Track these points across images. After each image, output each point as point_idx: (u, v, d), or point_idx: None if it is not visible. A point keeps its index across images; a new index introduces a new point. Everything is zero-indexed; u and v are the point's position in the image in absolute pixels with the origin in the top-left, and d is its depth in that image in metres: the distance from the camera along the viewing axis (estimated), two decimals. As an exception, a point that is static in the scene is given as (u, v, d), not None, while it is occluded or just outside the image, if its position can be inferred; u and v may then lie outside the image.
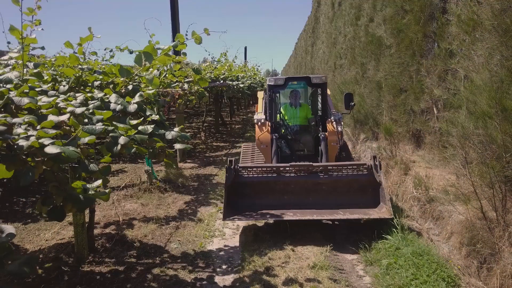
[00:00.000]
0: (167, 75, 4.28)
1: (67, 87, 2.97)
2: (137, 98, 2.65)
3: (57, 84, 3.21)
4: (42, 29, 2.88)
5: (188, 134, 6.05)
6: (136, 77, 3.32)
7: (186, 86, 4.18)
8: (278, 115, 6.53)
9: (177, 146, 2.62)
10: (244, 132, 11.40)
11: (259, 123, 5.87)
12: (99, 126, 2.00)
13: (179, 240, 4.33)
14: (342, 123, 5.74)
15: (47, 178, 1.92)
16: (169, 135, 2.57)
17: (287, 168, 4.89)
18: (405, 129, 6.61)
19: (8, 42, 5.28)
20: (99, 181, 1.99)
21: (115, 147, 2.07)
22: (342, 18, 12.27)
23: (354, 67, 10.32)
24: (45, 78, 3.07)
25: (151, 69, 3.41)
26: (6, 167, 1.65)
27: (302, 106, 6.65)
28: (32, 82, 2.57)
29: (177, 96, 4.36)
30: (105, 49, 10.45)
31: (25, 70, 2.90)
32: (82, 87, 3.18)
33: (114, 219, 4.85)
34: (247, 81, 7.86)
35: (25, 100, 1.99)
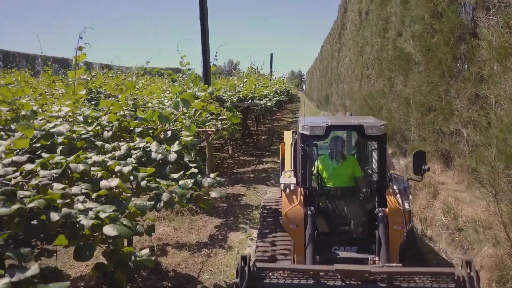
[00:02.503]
0: (201, 113, 4.48)
1: (111, 132, 3.20)
2: (176, 147, 2.84)
3: (100, 127, 3.44)
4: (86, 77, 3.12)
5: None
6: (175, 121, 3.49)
7: (219, 124, 4.37)
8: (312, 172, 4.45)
9: (213, 194, 2.79)
10: (270, 144, 11.50)
11: (287, 191, 4.04)
12: (143, 183, 2.19)
13: (211, 270, 4.50)
14: (411, 196, 3.94)
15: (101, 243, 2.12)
16: (206, 182, 2.74)
17: (330, 273, 3.24)
18: (433, 149, 6.56)
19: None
20: (147, 250, 2.16)
21: (158, 204, 2.25)
22: (370, 28, 12.18)
23: (381, 79, 10.24)
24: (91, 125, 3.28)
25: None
26: (68, 242, 1.86)
27: (347, 160, 4.64)
28: (79, 132, 2.81)
29: (211, 134, 4.54)
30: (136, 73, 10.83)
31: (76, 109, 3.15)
32: (124, 132, 3.40)
33: (148, 244, 5.08)
34: (274, 98, 7.97)
35: (80, 167, 2.21)
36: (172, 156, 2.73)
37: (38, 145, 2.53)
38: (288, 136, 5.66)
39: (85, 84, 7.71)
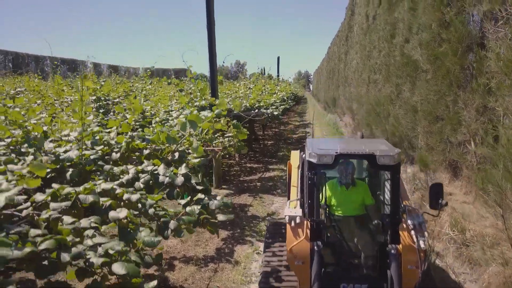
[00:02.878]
0: (208, 131, 4.51)
1: (119, 154, 3.25)
2: (183, 169, 2.88)
3: (109, 147, 3.49)
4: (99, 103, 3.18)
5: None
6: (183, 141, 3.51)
7: (226, 141, 4.40)
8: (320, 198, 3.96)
9: (220, 217, 2.82)
10: (277, 150, 11.46)
11: (293, 223, 3.73)
12: (151, 211, 2.23)
13: (218, 286, 4.52)
14: (426, 233, 3.58)
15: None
16: (213, 205, 2.77)
17: None
18: (441, 158, 6.52)
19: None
20: (155, 282, 2.20)
21: (166, 232, 2.29)
22: (377, 33, 12.14)
23: (388, 85, 10.20)
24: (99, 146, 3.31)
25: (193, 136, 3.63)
26: (78, 278, 1.90)
27: (357, 186, 4.30)
28: (87, 156, 2.86)
29: (218, 152, 4.58)
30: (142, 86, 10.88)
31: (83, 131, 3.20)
32: (132, 152, 3.44)
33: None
34: (281, 106, 7.97)
35: (90, 198, 2.26)
36: (179, 180, 2.78)
37: (48, 170, 2.60)
38: (295, 157, 5.23)
39: (93, 93, 7.81)
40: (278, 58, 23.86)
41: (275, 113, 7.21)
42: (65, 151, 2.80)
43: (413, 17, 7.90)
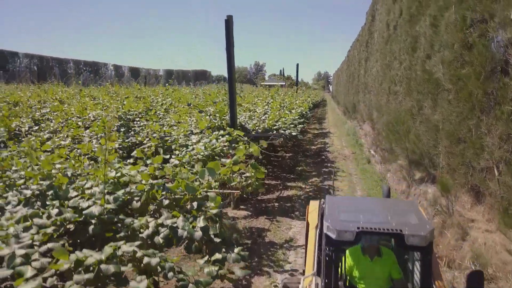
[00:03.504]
0: (227, 172, 4.55)
1: (139, 203, 3.34)
2: (201, 222, 2.94)
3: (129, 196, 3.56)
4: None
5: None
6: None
7: (244, 181, 4.44)
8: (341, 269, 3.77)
9: (238, 273, 2.86)
10: (295, 164, 11.35)
11: None
12: (170, 275, 2.29)
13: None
14: None
15: None
16: (230, 259, 2.81)
17: None
18: (463, 181, 6.38)
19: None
20: None
21: (184, 295, 2.34)
22: (398, 44, 11.96)
23: (409, 99, 10.04)
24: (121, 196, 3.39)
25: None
26: None
27: (383, 257, 3.78)
28: (109, 209, 2.96)
29: (236, 195, 4.62)
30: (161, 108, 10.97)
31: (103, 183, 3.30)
32: (152, 199, 3.53)
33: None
34: (299, 125, 7.94)
35: (111, 269, 2.34)
36: (198, 235, 2.83)
37: (72, 227, 2.71)
38: (313, 212, 4.55)
39: (116, 111, 8.01)
40: (297, 65, 23.58)
41: (294, 133, 7.18)
42: (88, 206, 2.92)
43: (434, 34, 7.76)
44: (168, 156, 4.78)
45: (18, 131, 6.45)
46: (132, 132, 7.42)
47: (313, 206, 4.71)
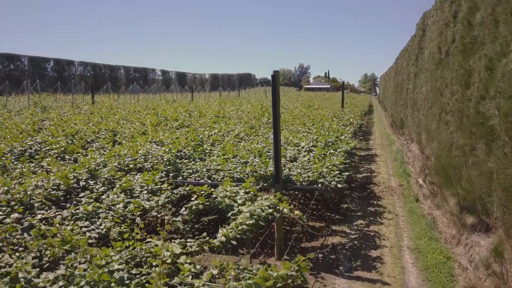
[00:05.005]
0: None
1: None
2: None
3: None
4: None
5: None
6: None
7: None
8: None
9: None
10: (340, 200, 11.04)
11: None
12: None
13: None
14: None
15: None
16: None
17: None
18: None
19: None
20: None
21: None
22: (450, 72, 11.46)
23: (461, 135, 9.61)
24: None
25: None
26: None
27: None
28: None
29: None
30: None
31: None
32: None
33: None
34: (345, 173, 7.80)
35: None
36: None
37: None
38: None
39: (166, 152, 8.39)
40: (343, 82, 23.02)
41: (339, 186, 7.08)
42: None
43: (490, 78, 7.39)
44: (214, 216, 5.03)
45: (76, 185, 6.72)
46: (181, 177, 7.72)
47: None
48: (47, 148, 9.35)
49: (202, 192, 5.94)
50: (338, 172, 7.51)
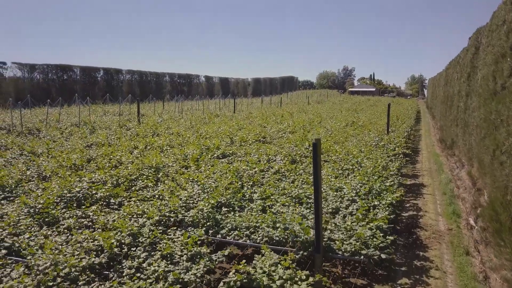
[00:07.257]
0: None
1: None
2: None
3: None
4: None
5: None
6: None
7: None
8: None
9: None
10: (382, 250, 10.13)
11: None
12: None
13: None
14: None
15: None
16: None
17: None
18: None
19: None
20: None
21: None
22: (506, 109, 10.68)
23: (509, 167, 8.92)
24: None
25: None
26: None
27: None
28: None
29: None
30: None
31: None
32: None
33: None
34: (389, 238, 7.41)
35: None
36: None
37: None
38: None
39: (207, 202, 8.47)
40: (389, 105, 22.04)
41: (384, 256, 6.72)
42: None
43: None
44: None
45: (119, 251, 6.92)
46: (220, 235, 7.73)
47: None
48: (94, 192, 9.75)
49: (240, 266, 5.91)
50: (382, 235, 7.17)
